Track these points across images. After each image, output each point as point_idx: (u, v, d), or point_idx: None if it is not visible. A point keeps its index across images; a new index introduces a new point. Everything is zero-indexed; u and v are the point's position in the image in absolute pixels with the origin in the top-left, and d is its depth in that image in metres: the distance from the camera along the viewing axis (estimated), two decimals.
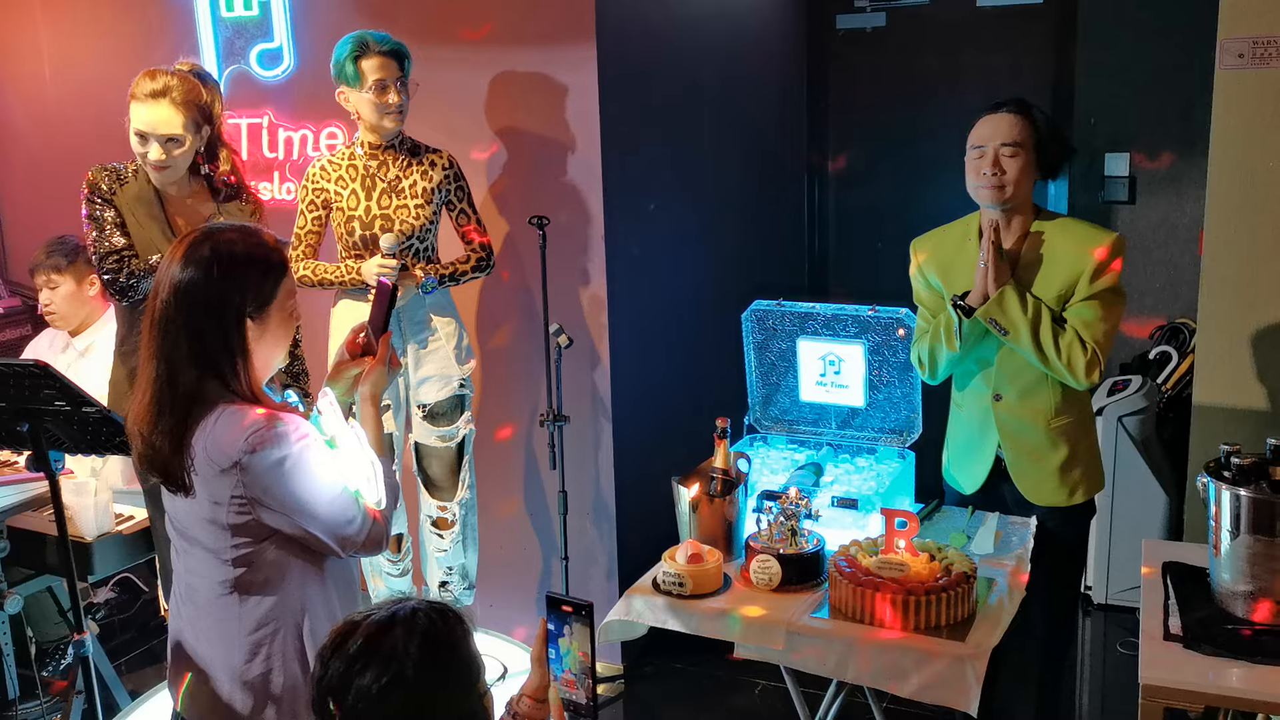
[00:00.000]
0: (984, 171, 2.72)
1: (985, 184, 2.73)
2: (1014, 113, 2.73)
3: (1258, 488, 2.21)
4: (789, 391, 3.28)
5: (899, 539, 2.50)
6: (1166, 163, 4.68)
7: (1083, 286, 2.71)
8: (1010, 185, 2.71)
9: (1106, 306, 2.72)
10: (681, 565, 2.58)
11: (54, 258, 3.88)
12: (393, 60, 3.27)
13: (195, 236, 2.00)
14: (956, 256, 2.86)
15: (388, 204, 3.32)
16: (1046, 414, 2.81)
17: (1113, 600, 4.21)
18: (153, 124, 3.10)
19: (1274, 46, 3.18)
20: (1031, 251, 2.76)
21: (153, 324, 1.97)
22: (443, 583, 3.61)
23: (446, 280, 3.38)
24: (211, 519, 1.98)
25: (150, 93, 3.11)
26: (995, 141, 2.71)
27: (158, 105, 3.10)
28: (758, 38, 4.92)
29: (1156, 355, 4.49)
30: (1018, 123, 2.72)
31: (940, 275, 2.88)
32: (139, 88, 3.13)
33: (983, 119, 2.78)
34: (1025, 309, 2.70)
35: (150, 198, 3.20)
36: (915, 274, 2.96)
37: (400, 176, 3.34)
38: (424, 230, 3.36)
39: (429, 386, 3.43)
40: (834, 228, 5.41)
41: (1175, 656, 2.19)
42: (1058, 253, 2.73)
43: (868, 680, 2.45)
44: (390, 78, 3.26)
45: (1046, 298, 2.73)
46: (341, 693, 1.51)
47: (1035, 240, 2.77)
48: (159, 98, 3.11)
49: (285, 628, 2.04)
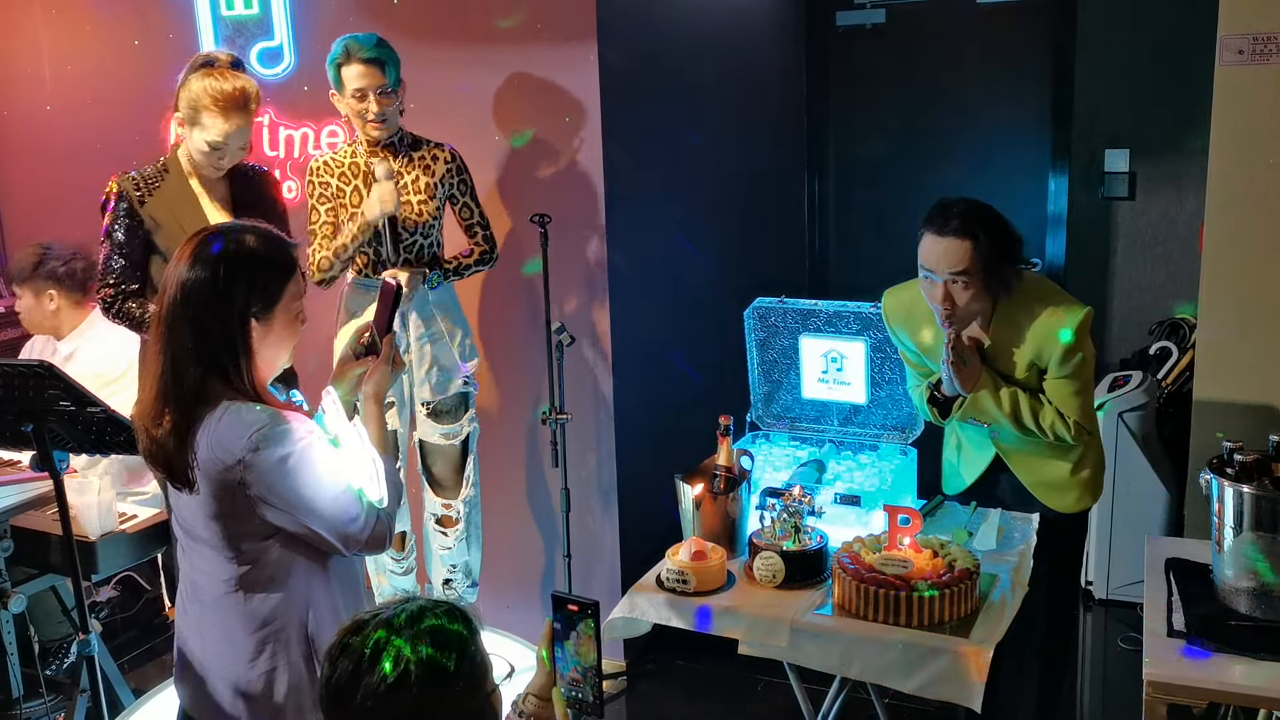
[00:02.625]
0: (935, 301, 2.67)
1: (937, 310, 2.68)
2: (960, 237, 2.58)
3: (1260, 484, 2.22)
4: (791, 389, 3.28)
5: (902, 535, 2.50)
6: (1166, 159, 4.68)
7: (1053, 368, 2.70)
8: (962, 311, 2.66)
9: (1080, 380, 2.71)
10: (685, 562, 2.58)
11: (19, 266, 3.87)
12: (374, 68, 3.20)
13: (205, 235, 2.00)
14: (925, 323, 2.82)
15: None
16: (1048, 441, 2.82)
17: (1114, 596, 4.21)
18: (233, 132, 3.10)
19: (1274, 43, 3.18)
20: (999, 335, 2.74)
21: (160, 320, 1.98)
22: (446, 580, 3.62)
23: (451, 274, 3.39)
24: (215, 516, 1.98)
25: (229, 103, 3.05)
26: (943, 271, 2.61)
27: (237, 116, 3.08)
28: (758, 35, 4.92)
29: (1157, 351, 4.49)
30: (964, 250, 2.58)
31: (911, 338, 2.87)
32: (212, 91, 3.05)
33: (930, 238, 2.63)
34: (1001, 405, 2.71)
35: (189, 193, 3.19)
36: (890, 334, 2.96)
37: (402, 173, 3.33)
38: (427, 226, 3.36)
39: (434, 383, 3.43)
40: (835, 224, 5.41)
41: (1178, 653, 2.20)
42: (1024, 336, 2.70)
43: (871, 677, 2.46)
44: (371, 86, 3.21)
45: (1019, 372, 2.73)
46: (349, 692, 1.51)
47: (1001, 327, 2.73)
48: (239, 109, 3.07)
49: (290, 625, 2.05)
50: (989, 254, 2.60)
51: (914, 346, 2.87)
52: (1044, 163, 4.93)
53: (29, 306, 3.91)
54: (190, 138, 3.15)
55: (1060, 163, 4.89)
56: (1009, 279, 2.67)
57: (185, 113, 3.11)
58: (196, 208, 3.19)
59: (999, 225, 2.64)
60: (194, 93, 3.08)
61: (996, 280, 2.64)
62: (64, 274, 3.86)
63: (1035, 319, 2.68)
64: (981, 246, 2.59)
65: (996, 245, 2.62)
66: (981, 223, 2.61)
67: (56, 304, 3.88)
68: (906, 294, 2.85)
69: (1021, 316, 2.70)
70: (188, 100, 3.09)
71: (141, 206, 3.15)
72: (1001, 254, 2.63)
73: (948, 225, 2.60)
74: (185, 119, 3.13)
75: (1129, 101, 4.71)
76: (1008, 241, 2.65)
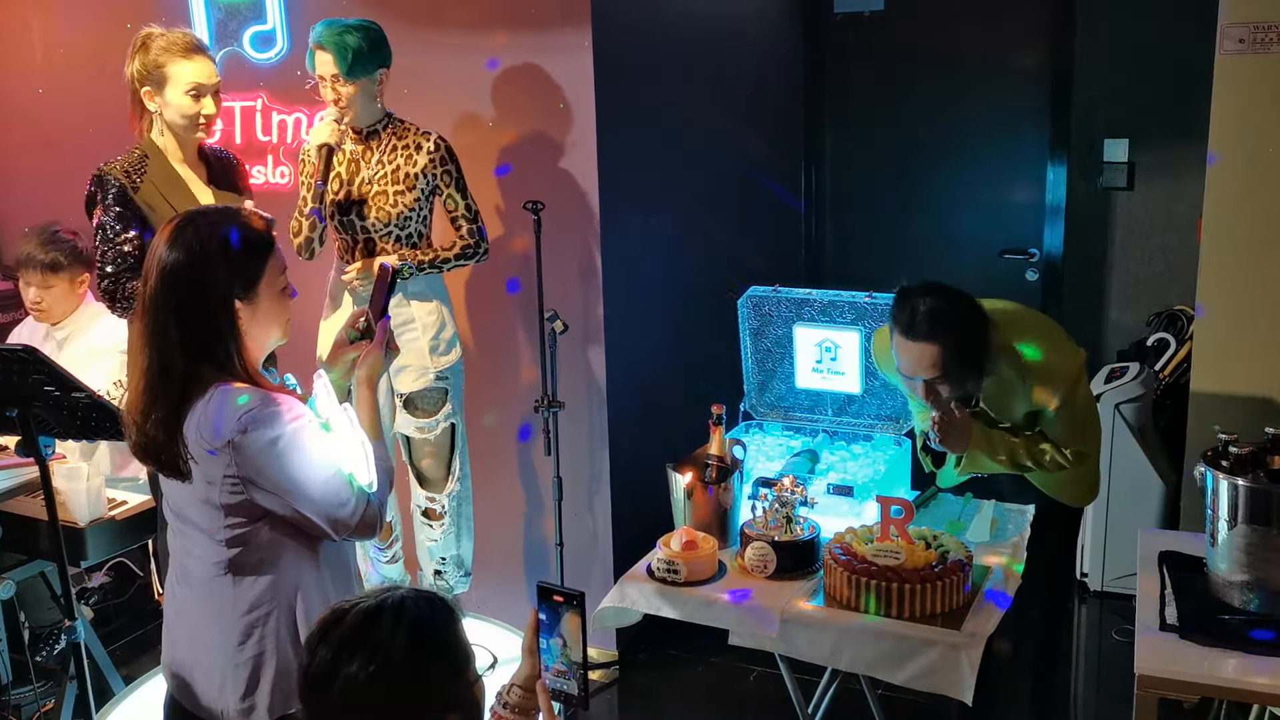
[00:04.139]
0: (918, 395, 2.64)
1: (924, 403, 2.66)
2: (929, 340, 2.53)
3: (1256, 477, 2.20)
4: (785, 378, 3.26)
5: (894, 526, 2.49)
6: (1166, 149, 4.66)
7: (1048, 420, 2.68)
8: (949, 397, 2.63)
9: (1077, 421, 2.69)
10: (676, 552, 2.57)
11: (54, 256, 3.71)
12: (328, 54, 3.13)
13: (179, 220, 1.98)
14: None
15: (368, 189, 3.27)
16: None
17: (1108, 587, 4.20)
18: (207, 75, 3.09)
19: (1274, 32, 3.16)
20: (990, 394, 2.71)
21: (143, 311, 1.96)
22: (437, 571, 3.60)
23: (426, 267, 3.29)
24: (205, 499, 1.97)
25: (190, 47, 3.06)
26: (920, 374, 2.58)
27: (203, 58, 3.08)
28: (755, 21, 4.89)
29: (1154, 342, 4.47)
30: (934, 354, 2.54)
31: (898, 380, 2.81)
32: (165, 44, 3.06)
33: (903, 343, 2.58)
34: (997, 455, 2.68)
35: (175, 176, 3.15)
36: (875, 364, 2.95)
37: (383, 162, 3.28)
38: (403, 218, 3.28)
39: (405, 375, 3.38)
40: (830, 213, 5.39)
41: (1171, 647, 2.18)
42: (1017, 391, 2.67)
43: (862, 668, 2.44)
44: (327, 73, 3.15)
45: (1015, 418, 2.71)
46: (328, 681, 1.50)
47: (992, 387, 2.70)
48: (199, 51, 3.07)
49: (279, 610, 2.03)
50: (960, 351, 2.55)
51: (904, 387, 2.84)
52: (1042, 152, 4.90)
53: (61, 295, 3.76)
54: (165, 103, 3.10)
55: (1058, 152, 4.87)
56: (983, 362, 2.61)
57: (151, 79, 3.07)
58: (185, 188, 3.16)
59: (966, 318, 2.57)
60: (150, 56, 3.06)
61: (973, 368, 2.60)
62: (89, 255, 3.78)
63: (1026, 375, 2.65)
64: (950, 347, 2.54)
65: (966, 340, 2.56)
66: (943, 326, 2.53)
67: (85, 287, 3.81)
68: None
69: (1011, 374, 2.66)
70: (146, 66, 3.07)
71: (135, 193, 3.12)
72: (973, 345, 2.58)
73: (914, 329, 2.54)
74: (152, 86, 3.09)
75: (1128, 91, 4.68)
76: (978, 331, 2.59)
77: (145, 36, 3.13)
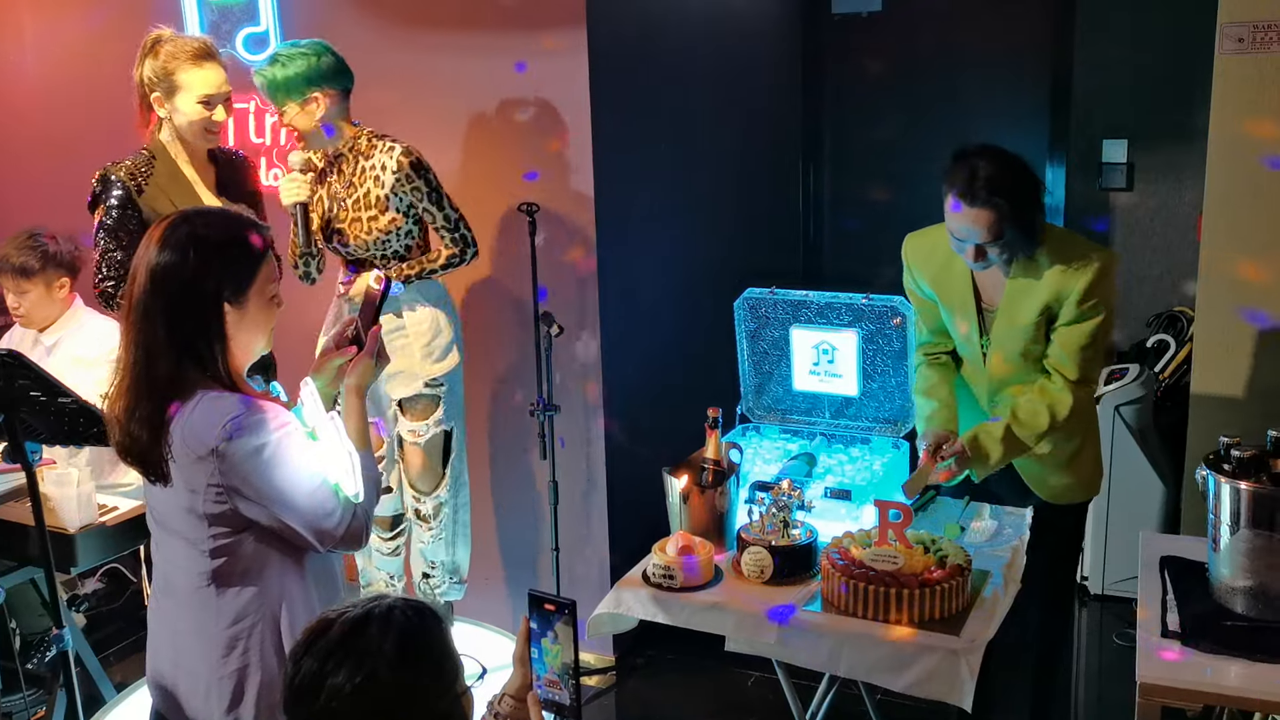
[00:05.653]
0: (967, 258, 2.64)
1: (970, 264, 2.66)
2: (987, 207, 2.53)
3: (1258, 481, 2.16)
4: (782, 380, 3.24)
5: (893, 530, 2.46)
6: (1165, 149, 4.63)
7: (1067, 312, 2.64)
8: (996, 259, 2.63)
9: (1091, 334, 2.64)
10: (672, 557, 2.54)
11: (24, 260, 3.65)
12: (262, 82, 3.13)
13: (173, 219, 1.96)
14: (947, 275, 2.79)
15: (345, 215, 3.25)
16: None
17: (1109, 591, 4.18)
18: (218, 84, 3.06)
19: (1274, 31, 3.13)
20: (1017, 274, 2.68)
21: (131, 309, 1.93)
22: (425, 575, 3.57)
23: (412, 279, 3.26)
24: (189, 508, 1.94)
25: (199, 53, 3.03)
26: (973, 239, 2.58)
27: (213, 65, 3.05)
28: (752, 21, 4.86)
29: (1154, 343, 4.45)
30: (993, 219, 2.54)
31: (932, 286, 2.83)
32: (179, 52, 3.02)
33: (957, 210, 2.57)
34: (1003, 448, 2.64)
35: (182, 178, 3.13)
36: (907, 275, 2.90)
37: (354, 185, 3.22)
38: (381, 241, 3.23)
39: (396, 382, 3.36)
40: (828, 214, 5.36)
41: (1173, 654, 2.15)
42: (1043, 278, 2.64)
43: (860, 674, 2.41)
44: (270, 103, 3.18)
45: (1028, 317, 2.67)
46: (314, 692, 1.47)
47: (1020, 268, 2.68)
48: (209, 58, 3.05)
49: (263, 622, 2.00)
50: (1017, 215, 2.56)
51: (929, 289, 2.83)
52: (1041, 152, 4.88)
53: (38, 299, 3.72)
54: (176, 109, 3.08)
55: (1057, 153, 4.84)
56: (1037, 226, 2.62)
57: (161, 86, 3.05)
58: (191, 192, 3.13)
59: (1023, 183, 2.59)
60: (160, 61, 3.04)
61: (1027, 231, 2.60)
62: (70, 259, 3.75)
63: (1056, 261, 2.63)
64: (1009, 211, 2.55)
65: (1023, 205, 2.57)
66: (1006, 189, 2.54)
67: (66, 290, 3.78)
68: (928, 239, 2.82)
69: (1042, 257, 2.65)
70: (157, 72, 3.04)
71: (139, 196, 3.08)
72: (1029, 210, 2.59)
73: (974, 195, 2.54)
74: (163, 93, 3.06)
75: (1127, 91, 4.66)
76: (1034, 196, 2.61)
77: (154, 40, 3.10)
